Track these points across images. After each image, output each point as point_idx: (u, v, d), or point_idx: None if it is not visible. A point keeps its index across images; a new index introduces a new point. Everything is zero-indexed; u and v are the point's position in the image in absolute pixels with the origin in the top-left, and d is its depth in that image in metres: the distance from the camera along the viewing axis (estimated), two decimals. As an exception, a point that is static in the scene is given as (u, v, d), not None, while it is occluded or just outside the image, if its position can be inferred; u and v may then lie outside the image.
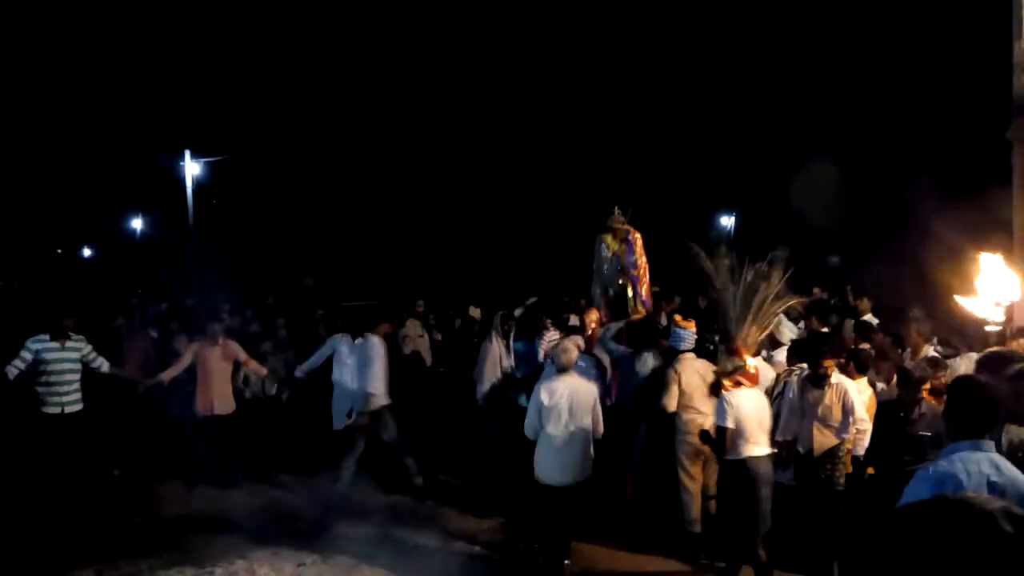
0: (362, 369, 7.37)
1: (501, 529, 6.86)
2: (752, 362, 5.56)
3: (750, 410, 5.31)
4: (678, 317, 7.09)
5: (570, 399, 5.71)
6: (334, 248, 19.14)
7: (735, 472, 5.34)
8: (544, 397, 5.71)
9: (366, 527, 6.77)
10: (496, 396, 7.70)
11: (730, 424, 5.29)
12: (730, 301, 6.27)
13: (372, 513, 7.16)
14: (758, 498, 5.23)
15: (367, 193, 22.47)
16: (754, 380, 5.49)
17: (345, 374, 8.03)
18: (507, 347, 7.95)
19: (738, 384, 5.41)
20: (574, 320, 8.35)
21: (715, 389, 5.89)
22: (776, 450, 5.92)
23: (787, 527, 5.98)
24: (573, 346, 6.03)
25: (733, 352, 5.67)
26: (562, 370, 5.80)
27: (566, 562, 5.89)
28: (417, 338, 8.67)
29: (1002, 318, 4.35)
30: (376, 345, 7.49)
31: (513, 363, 7.86)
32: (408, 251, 20.92)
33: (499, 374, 7.72)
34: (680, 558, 6.11)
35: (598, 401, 5.93)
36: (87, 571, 5.84)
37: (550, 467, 5.74)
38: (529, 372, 7.84)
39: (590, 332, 7.92)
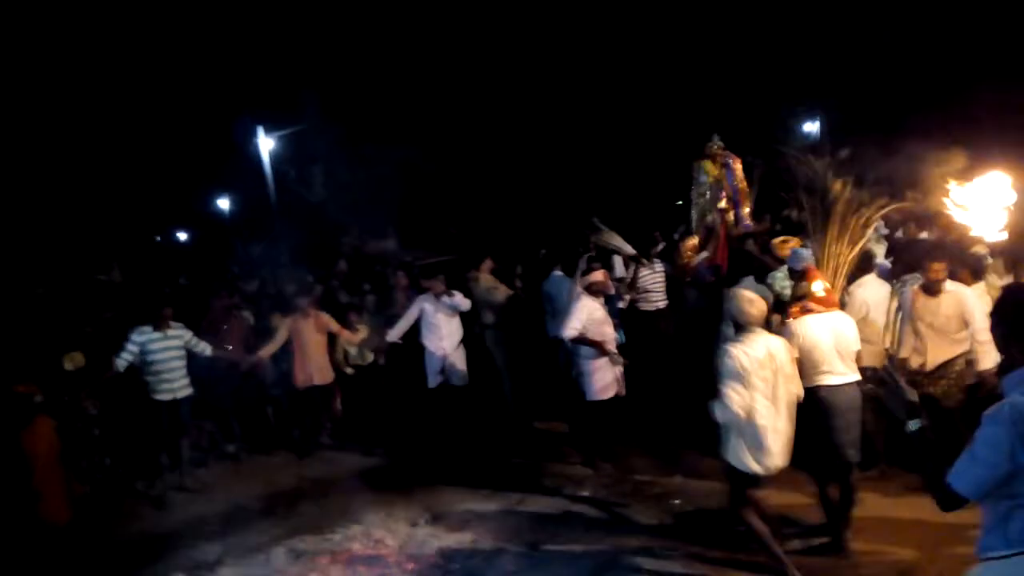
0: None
1: (606, 480, 6.75)
2: (820, 286, 4.99)
3: (821, 337, 4.83)
4: (794, 239, 6.72)
5: (776, 362, 4.54)
6: (409, 206, 19.14)
7: (808, 401, 4.85)
8: (744, 363, 4.42)
9: (474, 485, 6.84)
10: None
11: (793, 355, 4.88)
12: (808, 216, 5.84)
13: (480, 471, 7.22)
14: (832, 427, 4.81)
15: (438, 144, 22.29)
16: (827, 304, 4.97)
17: (432, 333, 8.10)
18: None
19: (807, 311, 4.96)
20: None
21: (782, 315, 5.46)
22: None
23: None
24: (758, 296, 4.75)
25: (801, 276, 5.27)
26: (751, 326, 4.57)
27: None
28: (493, 291, 8.59)
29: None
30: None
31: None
32: (486, 193, 20.74)
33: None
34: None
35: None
36: (213, 546, 6.11)
37: (761, 451, 4.54)
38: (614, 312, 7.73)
39: (685, 260, 7.76)
